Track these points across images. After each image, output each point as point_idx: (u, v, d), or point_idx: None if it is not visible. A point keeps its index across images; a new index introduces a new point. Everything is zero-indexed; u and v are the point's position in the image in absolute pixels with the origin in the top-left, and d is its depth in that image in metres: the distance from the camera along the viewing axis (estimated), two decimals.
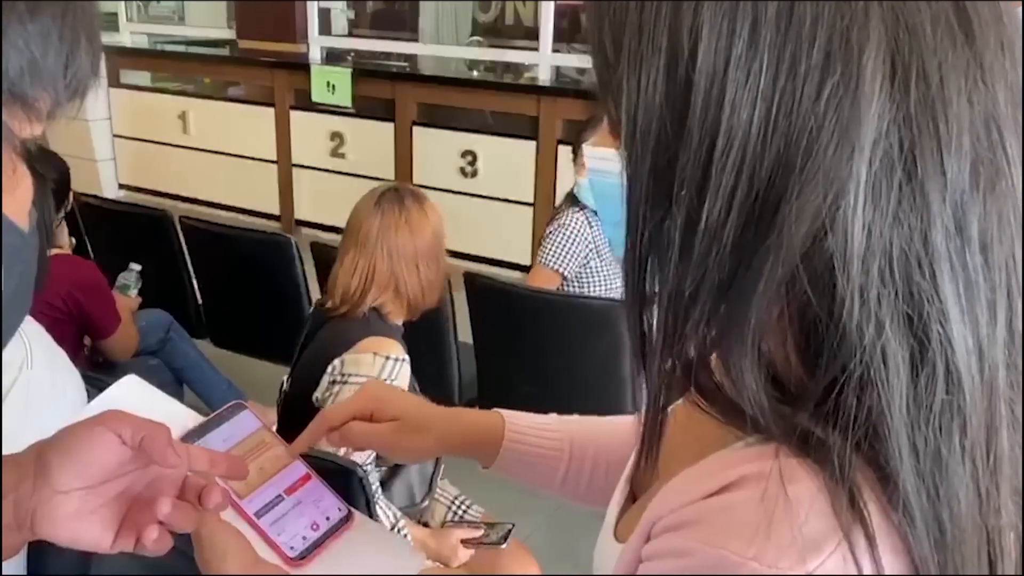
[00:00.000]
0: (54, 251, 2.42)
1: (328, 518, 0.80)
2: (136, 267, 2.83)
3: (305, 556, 0.77)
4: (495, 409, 0.91)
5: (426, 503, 1.95)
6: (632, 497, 0.68)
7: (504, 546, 1.76)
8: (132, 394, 0.84)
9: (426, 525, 2.02)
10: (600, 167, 0.62)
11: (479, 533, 1.89)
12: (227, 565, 0.68)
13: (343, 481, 1.44)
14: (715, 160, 0.45)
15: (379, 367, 1.79)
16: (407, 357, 1.83)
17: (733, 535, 0.46)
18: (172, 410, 0.85)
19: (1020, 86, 0.47)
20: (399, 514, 1.83)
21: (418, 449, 0.88)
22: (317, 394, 1.83)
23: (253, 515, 0.77)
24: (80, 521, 0.64)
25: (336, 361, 1.82)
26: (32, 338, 1.26)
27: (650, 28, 0.47)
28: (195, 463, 0.68)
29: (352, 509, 0.82)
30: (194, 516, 0.66)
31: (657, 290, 0.50)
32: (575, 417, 0.94)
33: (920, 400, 0.46)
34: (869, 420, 0.46)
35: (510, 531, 1.78)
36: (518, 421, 0.90)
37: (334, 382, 1.80)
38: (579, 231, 2.67)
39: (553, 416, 0.93)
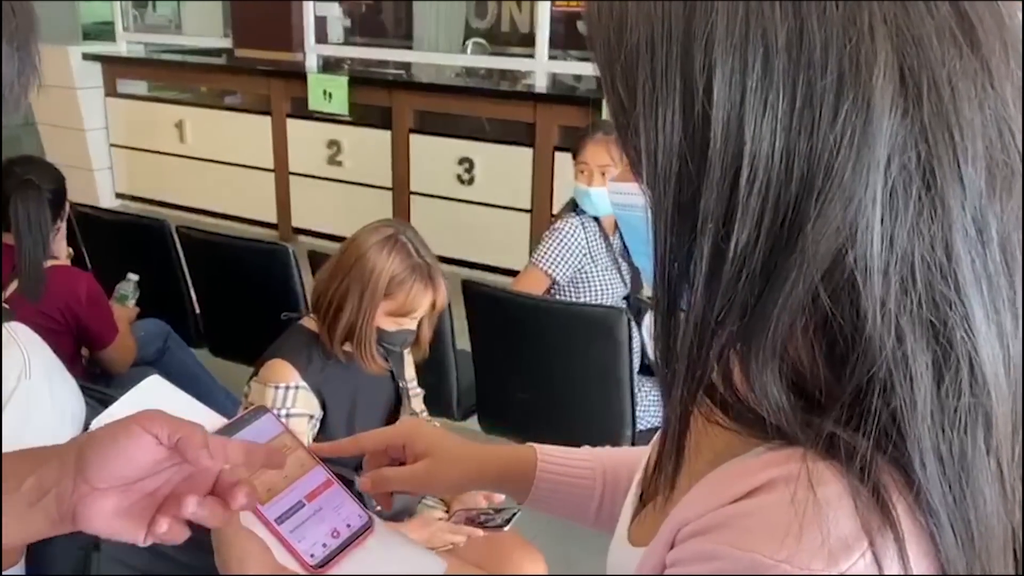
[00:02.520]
0: (51, 262, 2.42)
1: (349, 525, 0.80)
2: (134, 277, 2.82)
3: (325, 564, 0.76)
4: (529, 444, 0.91)
5: (378, 507, 1.94)
6: (643, 501, 0.68)
7: (507, 528, 1.74)
8: (156, 394, 0.85)
9: None
10: (623, 202, 0.63)
11: (480, 510, 1.87)
12: (247, 571, 0.68)
13: None
14: (740, 190, 0.46)
15: (270, 398, 1.81)
16: (301, 383, 1.84)
17: (764, 538, 0.46)
18: (195, 411, 0.85)
19: None
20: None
21: (451, 482, 0.89)
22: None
23: (273, 521, 0.76)
24: (118, 517, 0.66)
25: (250, 384, 1.88)
26: (30, 348, 1.26)
27: (663, 70, 0.48)
28: (231, 456, 0.68)
29: (373, 516, 0.82)
30: (222, 513, 0.67)
31: (684, 316, 0.51)
32: (607, 448, 0.94)
33: (944, 404, 0.46)
34: (894, 424, 0.46)
35: (515, 515, 1.75)
36: (550, 452, 0.90)
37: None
38: (573, 236, 2.66)
39: (586, 448, 0.93)
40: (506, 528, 1.72)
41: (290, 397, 1.81)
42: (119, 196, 6.60)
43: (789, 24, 0.45)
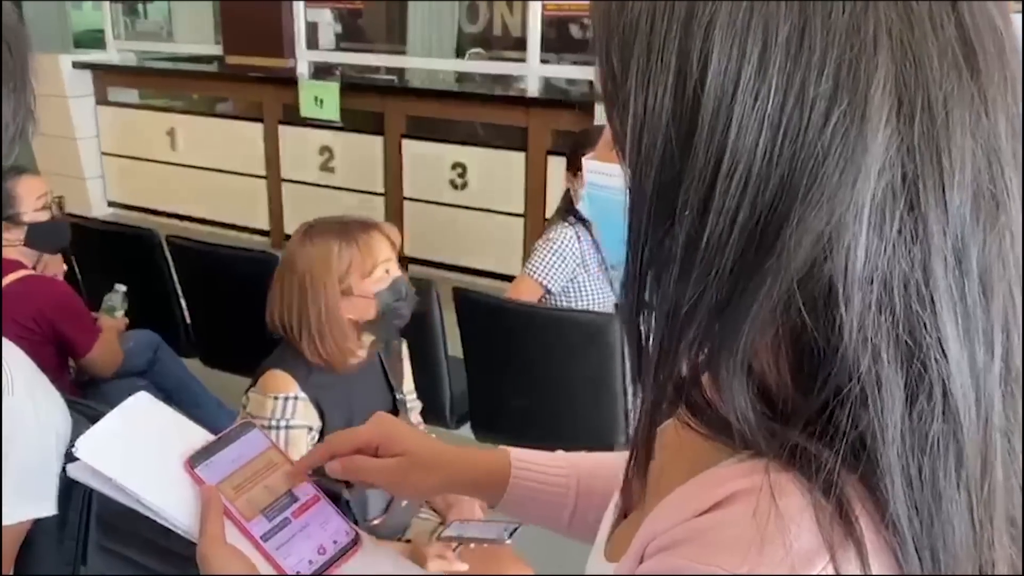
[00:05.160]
0: (21, 272, 2.40)
1: (335, 542, 0.80)
2: (121, 287, 2.80)
3: None
4: (502, 447, 0.91)
5: (377, 521, 1.91)
6: (623, 513, 0.68)
7: (509, 542, 1.69)
8: (143, 411, 0.85)
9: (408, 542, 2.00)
10: (599, 181, 0.61)
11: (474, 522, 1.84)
12: None
13: None
14: (719, 181, 0.45)
15: (270, 408, 1.77)
16: (300, 395, 1.80)
17: (726, 552, 0.45)
18: (182, 428, 0.85)
19: (1020, 119, 0.47)
20: None
21: (424, 487, 0.88)
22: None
23: (259, 538, 0.76)
24: None
25: (248, 394, 1.84)
26: (12, 364, 1.24)
27: (659, 47, 0.46)
28: None
29: (361, 532, 0.82)
30: None
31: (655, 306, 0.50)
32: (583, 454, 0.93)
33: (915, 428, 0.45)
34: (862, 442, 0.46)
35: (516, 529, 1.71)
36: (524, 458, 0.89)
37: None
38: (568, 246, 2.65)
39: (560, 453, 0.92)
40: (508, 541, 1.68)
41: (289, 408, 1.78)
42: (111, 204, 6.59)
43: (792, 22, 0.44)
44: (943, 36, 0.45)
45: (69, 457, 0.81)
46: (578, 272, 2.69)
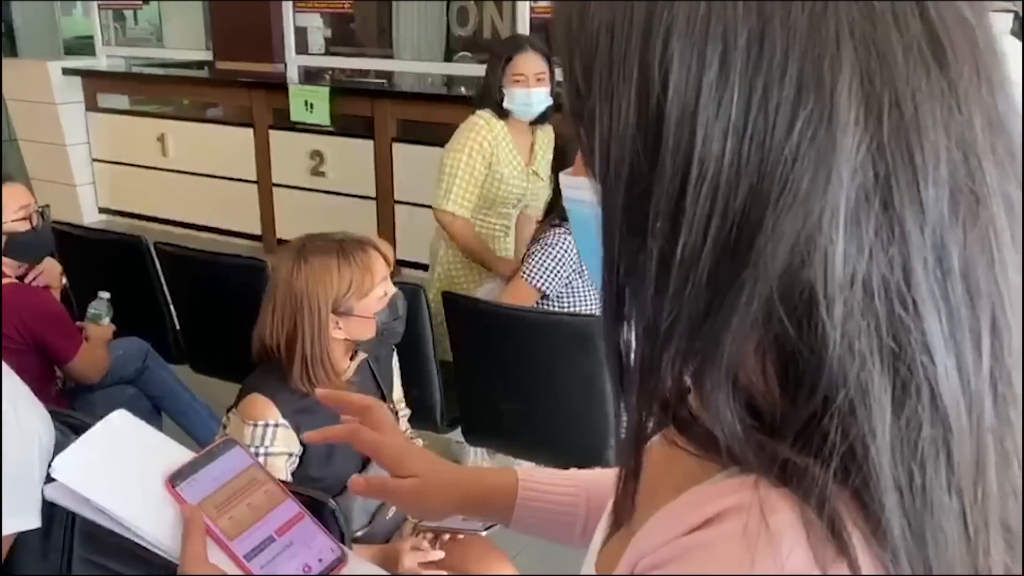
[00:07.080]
0: (4, 282, 2.39)
1: (321, 560, 0.79)
2: (105, 295, 2.77)
3: None
4: (510, 467, 0.91)
5: (361, 533, 1.90)
6: (617, 525, 0.67)
7: (484, 534, 1.68)
8: (122, 429, 0.84)
9: None
10: (575, 196, 0.61)
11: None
12: None
13: (315, 514, 1.42)
14: (688, 192, 0.44)
15: (249, 435, 1.74)
16: (281, 421, 1.76)
17: (717, 570, 0.45)
18: (161, 446, 0.84)
19: (997, 112, 0.46)
20: None
21: (436, 509, 0.89)
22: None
23: (243, 557, 0.76)
24: None
25: (229, 415, 1.82)
26: None
27: (620, 58, 0.46)
28: None
29: (346, 549, 0.81)
30: None
31: (634, 322, 0.49)
32: (595, 470, 0.93)
33: (905, 435, 0.44)
34: (852, 453, 0.45)
35: (494, 524, 1.70)
36: (532, 477, 0.90)
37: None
38: (565, 251, 2.64)
39: (572, 471, 0.92)
40: (483, 533, 1.67)
41: (268, 435, 1.75)
42: (102, 211, 6.57)
43: (751, 25, 0.43)
44: (908, 32, 0.44)
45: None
46: (574, 278, 2.68)
